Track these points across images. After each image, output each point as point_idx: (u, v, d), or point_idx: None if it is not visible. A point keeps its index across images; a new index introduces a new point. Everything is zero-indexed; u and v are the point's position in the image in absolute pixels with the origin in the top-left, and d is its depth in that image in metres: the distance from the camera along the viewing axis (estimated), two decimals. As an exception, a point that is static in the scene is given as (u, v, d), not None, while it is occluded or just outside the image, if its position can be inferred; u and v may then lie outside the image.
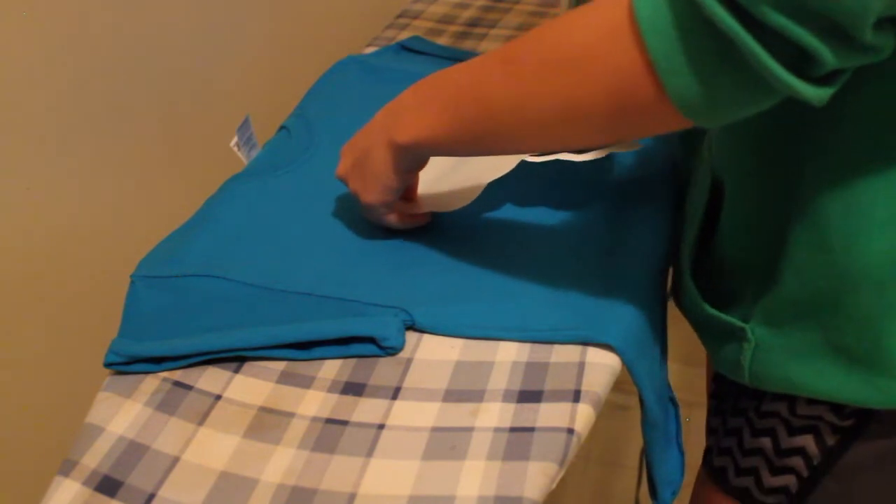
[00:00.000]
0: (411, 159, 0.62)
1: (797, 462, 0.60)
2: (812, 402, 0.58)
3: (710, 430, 0.70)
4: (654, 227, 0.68)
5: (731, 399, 0.67)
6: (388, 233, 0.69)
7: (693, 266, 0.65)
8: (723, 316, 0.61)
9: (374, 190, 0.65)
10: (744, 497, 0.64)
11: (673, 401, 0.64)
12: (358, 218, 0.71)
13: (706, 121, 0.46)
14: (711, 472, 0.68)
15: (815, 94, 0.43)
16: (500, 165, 0.70)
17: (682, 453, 0.65)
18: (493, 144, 0.57)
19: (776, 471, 0.62)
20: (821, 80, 0.43)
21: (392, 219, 0.67)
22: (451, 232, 0.69)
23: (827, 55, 0.41)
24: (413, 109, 0.60)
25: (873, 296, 0.51)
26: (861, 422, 0.57)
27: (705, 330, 0.64)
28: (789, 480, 0.61)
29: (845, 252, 0.51)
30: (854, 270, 0.51)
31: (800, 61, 0.42)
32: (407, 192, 0.69)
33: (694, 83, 0.44)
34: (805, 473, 0.60)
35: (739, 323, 0.59)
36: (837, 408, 0.57)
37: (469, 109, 0.55)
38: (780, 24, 0.40)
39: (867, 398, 0.54)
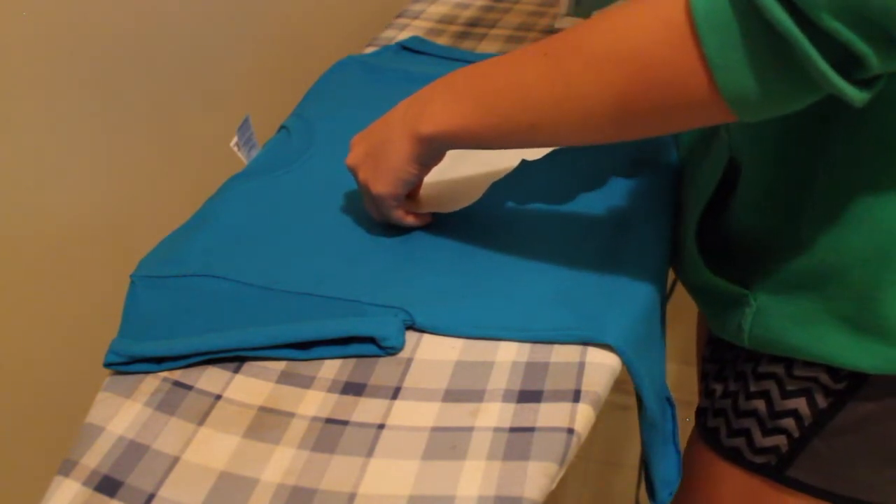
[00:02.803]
0: (432, 151, 0.62)
1: (789, 423, 0.63)
2: (808, 364, 0.60)
3: (707, 393, 0.72)
4: (655, 228, 0.69)
5: (728, 363, 0.69)
6: (389, 232, 0.69)
7: (697, 236, 0.66)
8: (725, 283, 0.63)
9: (386, 181, 0.64)
10: (735, 457, 0.67)
11: (669, 400, 0.64)
12: (358, 218, 0.71)
13: (752, 116, 0.47)
14: (703, 432, 0.70)
15: (859, 96, 0.44)
16: (500, 167, 0.70)
17: (678, 453, 0.65)
18: (529, 137, 0.57)
19: (768, 432, 0.64)
20: (863, 83, 0.45)
21: (398, 214, 0.67)
22: (451, 232, 0.69)
23: (874, 60, 0.42)
24: (442, 100, 0.59)
25: (878, 268, 0.54)
26: (853, 385, 0.59)
27: (704, 296, 0.67)
28: (780, 441, 0.63)
29: (857, 228, 0.54)
30: (864, 245, 0.54)
31: (846, 64, 0.43)
32: (412, 190, 0.69)
33: (747, 80, 0.45)
34: (796, 434, 0.62)
35: (742, 290, 0.62)
36: (833, 370, 0.60)
37: (507, 102, 0.55)
38: (834, 29, 0.41)
39: (864, 363, 0.57)
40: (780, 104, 0.47)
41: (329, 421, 0.54)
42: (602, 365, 0.56)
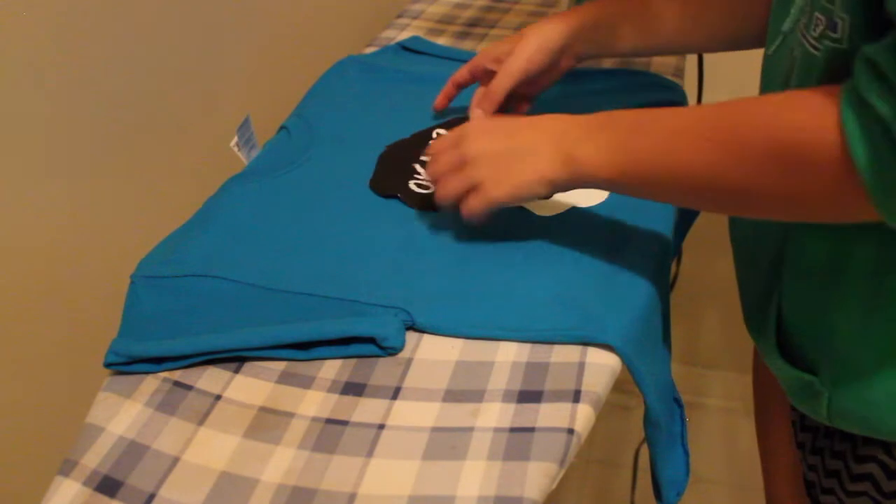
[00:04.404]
0: (571, 183, 0.60)
1: None
2: None
3: (809, 467, 0.71)
4: (655, 227, 0.68)
5: (820, 433, 0.69)
6: (389, 233, 0.69)
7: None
8: (796, 371, 0.62)
9: (508, 187, 0.61)
10: None
11: (678, 401, 0.64)
12: (358, 218, 0.71)
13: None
14: None
15: None
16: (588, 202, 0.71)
17: (687, 453, 0.65)
18: (667, 199, 0.60)
19: None
20: None
21: (475, 216, 0.64)
22: (452, 232, 0.69)
23: None
24: (597, 144, 0.58)
25: None
26: None
27: (777, 370, 0.66)
28: None
29: None
30: None
31: None
32: None
33: None
34: None
35: (810, 377, 0.61)
36: None
37: (659, 172, 0.56)
38: None
39: None
40: None
41: (329, 421, 0.54)
42: (602, 365, 0.56)
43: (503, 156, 0.62)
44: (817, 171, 0.47)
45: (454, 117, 0.85)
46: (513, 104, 0.82)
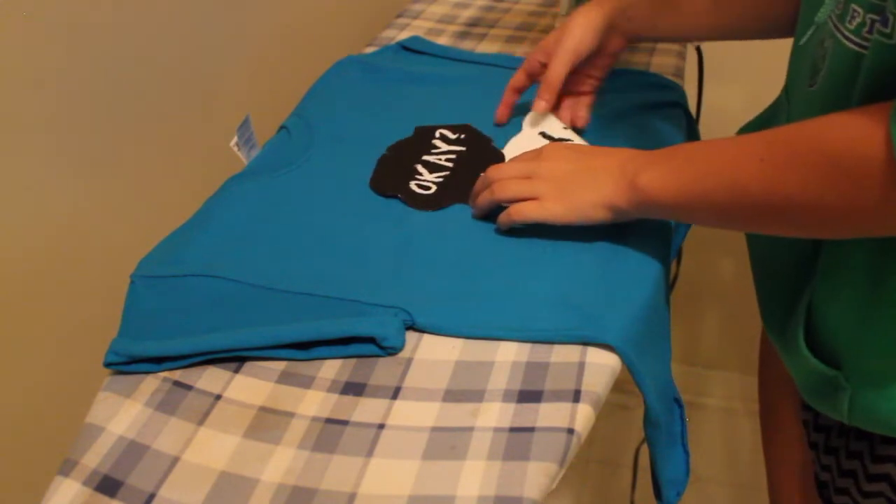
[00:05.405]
0: (633, 209, 0.62)
1: None
2: None
3: (822, 467, 0.71)
4: (656, 227, 0.68)
5: (833, 432, 0.69)
6: (389, 233, 0.69)
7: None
8: (820, 363, 0.62)
9: (568, 207, 0.63)
10: None
11: (678, 401, 0.64)
12: (358, 218, 0.71)
13: None
14: None
15: None
16: None
17: (687, 453, 0.65)
18: (728, 224, 0.60)
19: None
20: None
21: (511, 224, 0.66)
22: (452, 232, 0.69)
23: None
24: (661, 170, 0.60)
25: None
26: None
27: (797, 368, 0.66)
28: None
29: None
30: None
31: None
32: None
33: None
34: None
35: (833, 371, 0.61)
36: None
37: (717, 191, 0.57)
38: None
39: None
40: None
41: (329, 421, 0.54)
42: (602, 365, 0.56)
43: (570, 175, 0.63)
44: (867, 185, 0.48)
45: (459, 123, 0.84)
46: (575, 91, 0.82)
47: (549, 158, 0.66)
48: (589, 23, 0.77)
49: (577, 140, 0.78)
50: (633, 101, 0.86)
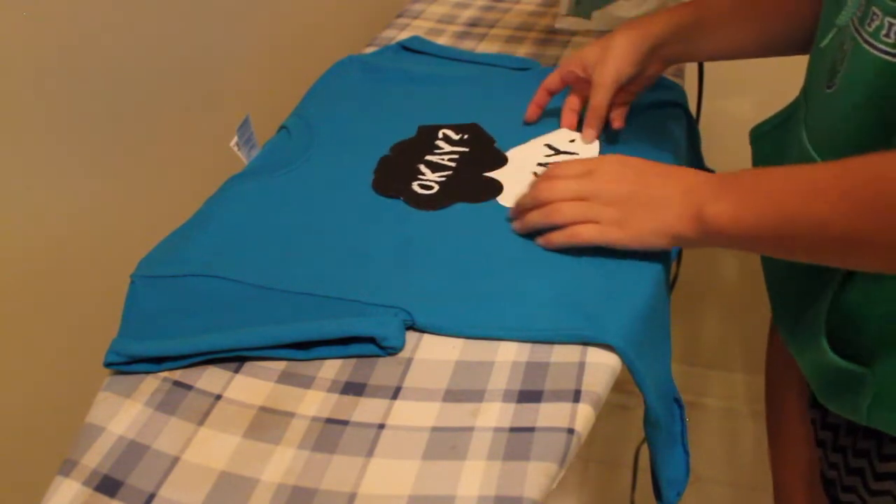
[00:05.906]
0: (699, 239, 0.60)
1: None
2: None
3: (830, 464, 0.71)
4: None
5: (841, 430, 0.69)
6: (389, 233, 0.69)
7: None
8: (845, 362, 0.61)
9: (631, 234, 0.62)
10: None
11: (678, 401, 0.64)
12: (358, 218, 0.71)
13: None
14: None
15: None
16: None
17: (687, 453, 0.65)
18: (792, 256, 0.59)
19: None
20: None
21: (563, 243, 0.65)
22: (452, 232, 0.69)
23: None
24: (729, 200, 0.57)
25: None
26: None
27: (814, 369, 0.65)
28: None
29: None
30: None
31: None
32: None
33: None
34: None
35: (860, 368, 0.60)
36: None
37: (795, 228, 0.55)
38: None
39: None
40: None
41: (329, 421, 0.54)
42: (602, 365, 0.56)
43: (632, 200, 0.62)
44: None
45: (464, 122, 0.84)
46: (609, 112, 0.81)
47: (604, 179, 0.63)
48: (631, 45, 0.76)
49: (583, 153, 0.78)
50: (633, 101, 0.86)
